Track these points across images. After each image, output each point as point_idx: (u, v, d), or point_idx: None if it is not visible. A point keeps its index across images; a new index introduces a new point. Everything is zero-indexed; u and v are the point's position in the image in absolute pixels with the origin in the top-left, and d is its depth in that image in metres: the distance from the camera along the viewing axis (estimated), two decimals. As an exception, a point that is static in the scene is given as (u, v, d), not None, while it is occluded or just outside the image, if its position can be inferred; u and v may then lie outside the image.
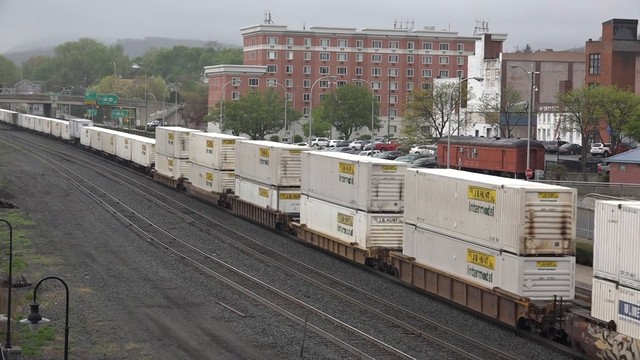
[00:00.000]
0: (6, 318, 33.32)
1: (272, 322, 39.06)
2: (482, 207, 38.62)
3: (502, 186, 37.53)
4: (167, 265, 51.56)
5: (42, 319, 25.17)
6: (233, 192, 70.75)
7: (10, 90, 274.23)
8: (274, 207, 61.54)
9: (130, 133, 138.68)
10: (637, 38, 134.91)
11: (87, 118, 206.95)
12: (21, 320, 28.43)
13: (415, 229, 44.56)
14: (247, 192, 66.43)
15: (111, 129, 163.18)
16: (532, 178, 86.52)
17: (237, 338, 36.63)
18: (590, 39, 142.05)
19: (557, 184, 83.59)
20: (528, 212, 36.17)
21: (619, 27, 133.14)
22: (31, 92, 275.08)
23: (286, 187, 60.85)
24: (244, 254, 55.46)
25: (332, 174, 52.55)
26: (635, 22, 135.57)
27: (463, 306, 40.56)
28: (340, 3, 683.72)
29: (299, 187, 58.28)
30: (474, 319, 39.86)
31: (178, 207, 76.38)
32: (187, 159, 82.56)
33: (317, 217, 54.67)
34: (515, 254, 36.73)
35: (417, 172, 45.41)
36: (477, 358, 34.10)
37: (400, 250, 46.76)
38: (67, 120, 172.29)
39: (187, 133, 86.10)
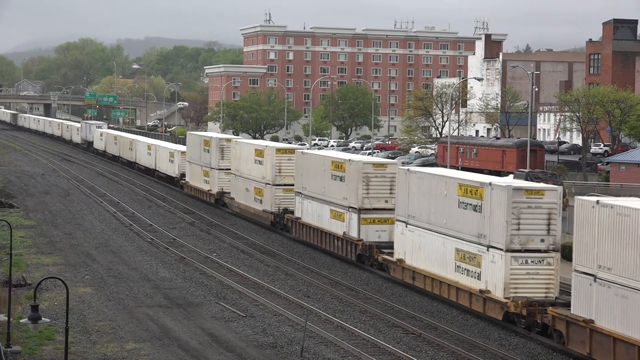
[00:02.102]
0: (6, 318, 33.32)
1: (272, 322, 39.06)
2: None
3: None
4: (167, 265, 51.56)
5: (42, 319, 25.16)
6: (292, 213, 59.68)
7: (10, 90, 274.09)
8: (354, 234, 50.60)
9: (150, 137, 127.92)
10: (637, 38, 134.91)
11: (87, 118, 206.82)
12: (21, 320, 28.43)
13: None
14: (313, 214, 55.80)
15: (121, 130, 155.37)
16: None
17: (237, 338, 36.63)
18: (590, 39, 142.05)
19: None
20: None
21: (619, 27, 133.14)
22: (31, 92, 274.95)
23: (369, 209, 49.97)
24: (244, 254, 55.47)
25: (448, 198, 41.26)
26: (635, 22, 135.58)
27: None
28: (340, 3, 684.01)
29: (386, 210, 49.44)
30: (474, 319, 39.88)
31: (178, 207, 76.38)
32: (229, 170, 72.28)
33: (421, 251, 43.78)
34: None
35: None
36: (477, 358, 34.11)
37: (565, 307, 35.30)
38: (79, 122, 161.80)
39: (228, 140, 75.49)
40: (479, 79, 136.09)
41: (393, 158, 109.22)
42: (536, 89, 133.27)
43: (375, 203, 49.78)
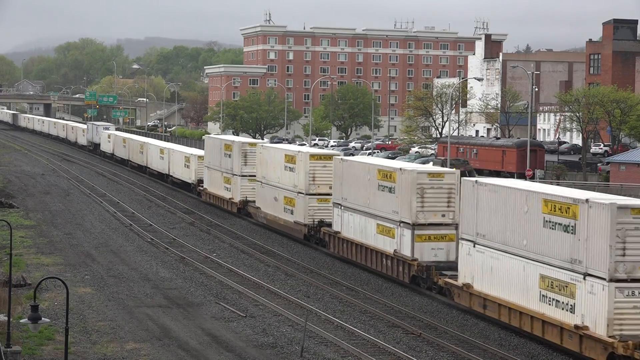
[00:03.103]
0: (6, 318, 33.33)
1: (272, 322, 39.06)
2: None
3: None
4: (167, 265, 51.56)
5: (42, 319, 25.16)
6: (329, 226, 54.38)
7: (10, 90, 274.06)
8: (406, 252, 45.24)
9: (170, 141, 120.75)
10: (637, 38, 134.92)
11: (87, 118, 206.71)
12: (21, 320, 28.43)
13: None
14: (356, 228, 50.39)
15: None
16: (532, 178, 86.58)
17: (237, 338, 36.63)
18: (590, 39, 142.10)
19: (557, 184, 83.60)
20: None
21: (619, 27, 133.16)
22: (31, 92, 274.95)
23: (424, 225, 44.75)
24: (244, 254, 55.46)
25: (529, 215, 35.80)
26: (635, 22, 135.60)
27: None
28: (340, 3, 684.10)
29: (443, 225, 44.91)
30: (474, 319, 39.87)
31: (178, 207, 76.37)
32: (253, 177, 67.07)
33: (494, 275, 38.14)
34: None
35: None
36: (477, 358, 34.10)
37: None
38: (85, 124, 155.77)
39: (253, 144, 69.91)
40: (479, 79, 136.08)
41: (393, 158, 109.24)
42: (536, 89, 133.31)
43: (431, 217, 44.55)
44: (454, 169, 48.53)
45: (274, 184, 61.74)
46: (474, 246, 39.25)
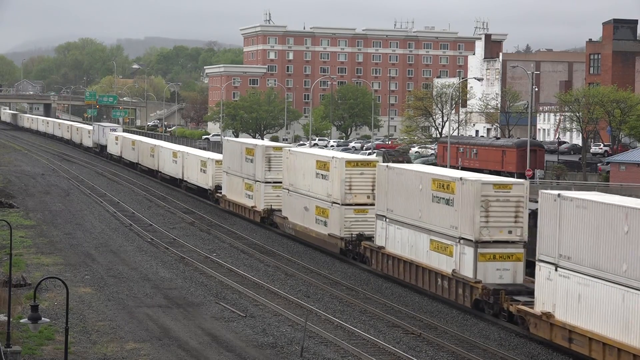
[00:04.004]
0: (6, 318, 33.33)
1: (272, 322, 39.06)
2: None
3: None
4: (167, 265, 51.56)
5: (42, 319, 25.16)
6: (372, 240, 49.34)
7: (10, 90, 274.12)
8: (467, 273, 40.17)
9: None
10: (637, 38, 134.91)
11: (86, 118, 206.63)
12: (21, 320, 28.43)
13: None
14: (404, 244, 45.52)
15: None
16: (532, 178, 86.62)
17: (237, 338, 36.63)
18: (590, 39, 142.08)
19: (557, 184, 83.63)
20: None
21: (619, 27, 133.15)
22: (31, 92, 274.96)
23: (488, 242, 39.66)
24: (244, 254, 55.46)
25: (631, 236, 31.00)
26: (635, 22, 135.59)
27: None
28: (340, 3, 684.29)
29: (510, 243, 39.86)
30: (474, 319, 39.88)
31: (178, 207, 76.36)
32: (278, 183, 62.71)
33: (583, 304, 33.20)
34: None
35: None
36: (477, 358, 34.10)
37: None
38: (90, 124, 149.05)
39: (277, 148, 65.17)
40: (479, 79, 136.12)
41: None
42: (536, 89, 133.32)
43: (497, 234, 39.62)
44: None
45: (304, 193, 56.84)
46: (556, 269, 34.36)
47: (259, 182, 64.96)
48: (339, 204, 51.86)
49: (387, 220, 46.94)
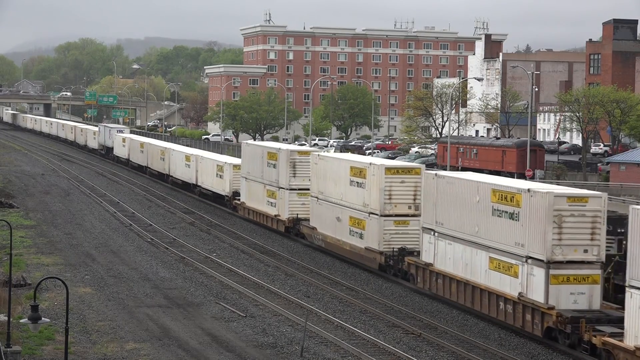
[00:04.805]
0: (6, 318, 33.33)
1: (272, 322, 39.06)
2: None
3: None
4: (167, 265, 51.56)
5: (42, 319, 25.17)
6: (416, 255, 45.23)
7: (11, 90, 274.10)
8: (537, 297, 35.70)
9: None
10: (637, 38, 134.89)
11: (87, 118, 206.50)
12: (21, 320, 28.44)
13: None
14: (457, 261, 41.21)
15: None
16: (532, 178, 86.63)
17: (237, 338, 36.63)
18: (590, 39, 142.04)
19: (557, 184, 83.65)
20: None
21: (619, 27, 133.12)
22: (31, 92, 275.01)
23: (561, 262, 35.30)
24: (244, 254, 55.45)
25: None
26: (635, 22, 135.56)
27: None
28: (340, 3, 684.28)
29: (585, 263, 35.61)
30: (474, 319, 39.87)
31: (178, 207, 76.35)
32: (304, 190, 58.91)
33: None
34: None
35: None
36: (477, 358, 34.10)
37: None
38: (96, 126, 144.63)
39: (303, 152, 61.02)
40: (479, 79, 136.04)
41: (393, 158, 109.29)
42: (536, 89, 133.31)
43: (571, 253, 35.31)
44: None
45: (335, 201, 52.75)
46: None
47: (283, 189, 60.61)
48: (377, 214, 47.66)
49: (436, 234, 42.56)
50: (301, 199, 59.32)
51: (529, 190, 36.19)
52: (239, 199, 69.39)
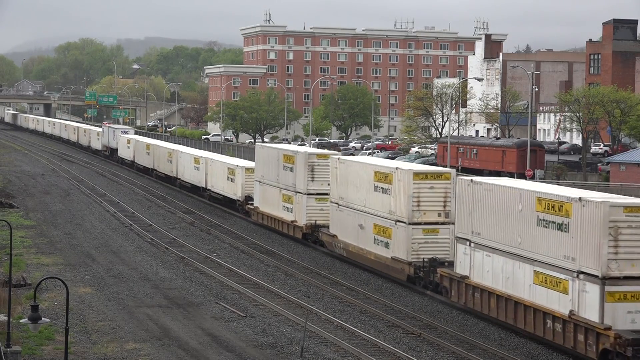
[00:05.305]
0: (6, 318, 33.33)
1: (272, 322, 39.06)
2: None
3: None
4: (167, 265, 51.56)
5: (42, 319, 25.17)
6: (448, 266, 43.07)
7: (11, 90, 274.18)
8: (591, 316, 32.85)
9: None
10: (637, 38, 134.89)
11: (87, 118, 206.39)
12: (21, 320, 28.44)
13: None
14: (496, 274, 38.23)
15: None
16: (532, 178, 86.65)
17: (237, 338, 36.63)
18: (590, 39, 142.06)
19: (557, 184, 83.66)
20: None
21: (619, 27, 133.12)
22: (31, 92, 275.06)
23: (618, 279, 32.50)
24: (244, 254, 55.46)
25: None
26: (635, 22, 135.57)
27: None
28: (340, 3, 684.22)
29: None
30: (474, 319, 39.86)
31: (178, 207, 76.35)
32: (323, 195, 56.66)
33: None
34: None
35: None
36: (477, 358, 34.10)
37: None
38: (100, 126, 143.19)
39: (322, 156, 58.47)
40: (479, 79, 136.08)
41: (393, 158, 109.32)
42: (536, 89, 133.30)
43: (628, 268, 32.52)
44: None
45: (358, 208, 50.04)
46: None
47: (300, 194, 57.94)
48: (405, 222, 44.94)
49: (472, 244, 39.78)
50: (319, 204, 57.01)
51: (580, 199, 33.42)
52: (252, 204, 66.87)
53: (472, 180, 40.52)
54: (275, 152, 63.02)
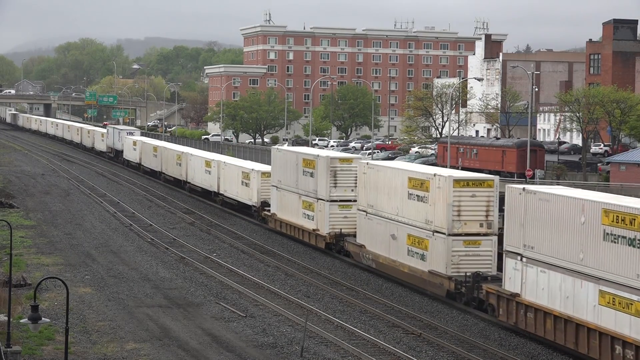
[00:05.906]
0: (6, 318, 33.34)
1: (272, 322, 39.06)
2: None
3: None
4: (167, 265, 51.56)
5: (42, 319, 25.18)
6: (488, 280, 40.34)
7: (11, 90, 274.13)
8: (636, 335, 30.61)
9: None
10: (637, 38, 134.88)
11: (87, 118, 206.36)
12: (21, 320, 28.44)
13: None
14: (553, 292, 34.82)
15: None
16: (532, 178, 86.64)
17: (237, 338, 36.63)
18: (590, 39, 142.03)
19: (557, 184, 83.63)
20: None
21: (619, 27, 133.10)
22: (31, 92, 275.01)
23: None
24: (244, 254, 55.45)
25: None
26: (635, 22, 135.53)
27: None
28: (340, 3, 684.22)
29: None
30: (474, 319, 39.86)
31: (178, 207, 76.35)
32: (347, 203, 53.81)
33: None
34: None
35: None
36: (477, 358, 34.10)
37: None
38: (104, 127, 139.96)
39: (345, 160, 55.23)
40: (479, 79, 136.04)
41: (393, 158, 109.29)
42: (536, 89, 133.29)
43: None
44: None
45: (389, 217, 46.81)
46: None
47: (322, 201, 54.61)
48: (443, 233, 41.71)
49: (524, 259, 36.37)
50: (343, 211, 53.80)
51: None
52: (268, 210, 63.64)
53: (524, 188, 37.08)
54: (293, 156, 59.64)
